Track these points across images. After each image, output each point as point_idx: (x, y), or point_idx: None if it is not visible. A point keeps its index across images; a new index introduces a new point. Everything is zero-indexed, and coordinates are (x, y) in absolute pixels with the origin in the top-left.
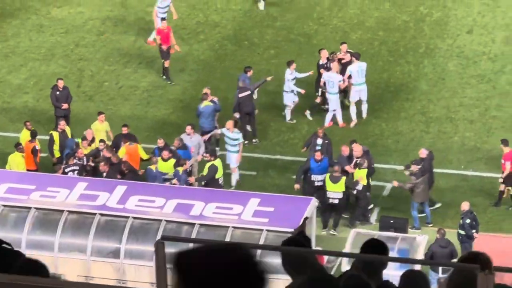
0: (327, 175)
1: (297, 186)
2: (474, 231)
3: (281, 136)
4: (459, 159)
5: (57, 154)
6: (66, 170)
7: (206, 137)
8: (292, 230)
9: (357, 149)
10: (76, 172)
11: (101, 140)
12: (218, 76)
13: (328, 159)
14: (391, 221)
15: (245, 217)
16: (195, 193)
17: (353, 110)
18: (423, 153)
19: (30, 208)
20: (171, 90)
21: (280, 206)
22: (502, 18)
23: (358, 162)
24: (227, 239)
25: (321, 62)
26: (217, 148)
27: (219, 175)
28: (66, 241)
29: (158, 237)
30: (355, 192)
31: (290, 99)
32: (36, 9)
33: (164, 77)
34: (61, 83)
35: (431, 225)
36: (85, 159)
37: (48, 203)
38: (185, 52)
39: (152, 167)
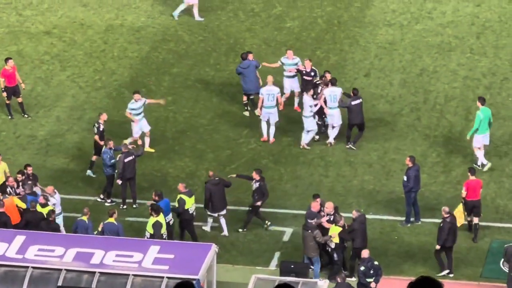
0: (180, 195)
1: None
2: (370, 280)
3: (179, 183)
4: (358, 202)
5: None
6: None
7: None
8: (192, 277)
9: (329, 206)
10: None
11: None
12: (116, 123)
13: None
14: (292, 266)
15: (145, 264)
16: (95, 242)
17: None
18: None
19: None
20: (69, 139)
21: (180, 253)
22: (399, 61)
23: (334, 219)
24: (128, 287)
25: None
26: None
27: (163, 230)
28: None
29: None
30: (329, 250)
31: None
32: None
33: (10, 116)
34: None
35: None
36: None
37: None
38: (83, 100)
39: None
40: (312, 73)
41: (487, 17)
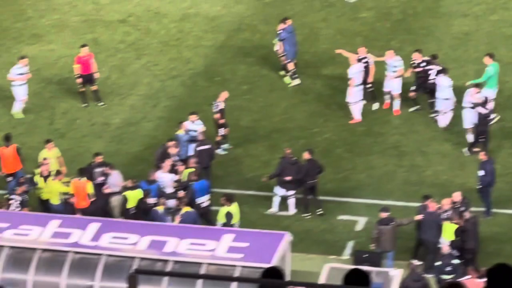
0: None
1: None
2: (447, 277)
3: (254, 172)
4: (432, 193)
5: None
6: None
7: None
8: (266, 265)
9: (457, 195)
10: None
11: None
12: (191, 112)
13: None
14: (365, 255)
15: (219, 253)
16: (169, 230)
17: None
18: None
19: (3, 246)
20: (144, 127)
21: (254, 242)
22: (474, 51)
23: (451, 214)
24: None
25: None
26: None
27: (235, 220)
28: (40, 279)
29: None
30: (441, 248)
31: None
32: (7, 47)
33: (84, 104)
34: None
35: None
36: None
37: (21, 241)
38: (158, 89)
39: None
40: (422, 64)
41: None
